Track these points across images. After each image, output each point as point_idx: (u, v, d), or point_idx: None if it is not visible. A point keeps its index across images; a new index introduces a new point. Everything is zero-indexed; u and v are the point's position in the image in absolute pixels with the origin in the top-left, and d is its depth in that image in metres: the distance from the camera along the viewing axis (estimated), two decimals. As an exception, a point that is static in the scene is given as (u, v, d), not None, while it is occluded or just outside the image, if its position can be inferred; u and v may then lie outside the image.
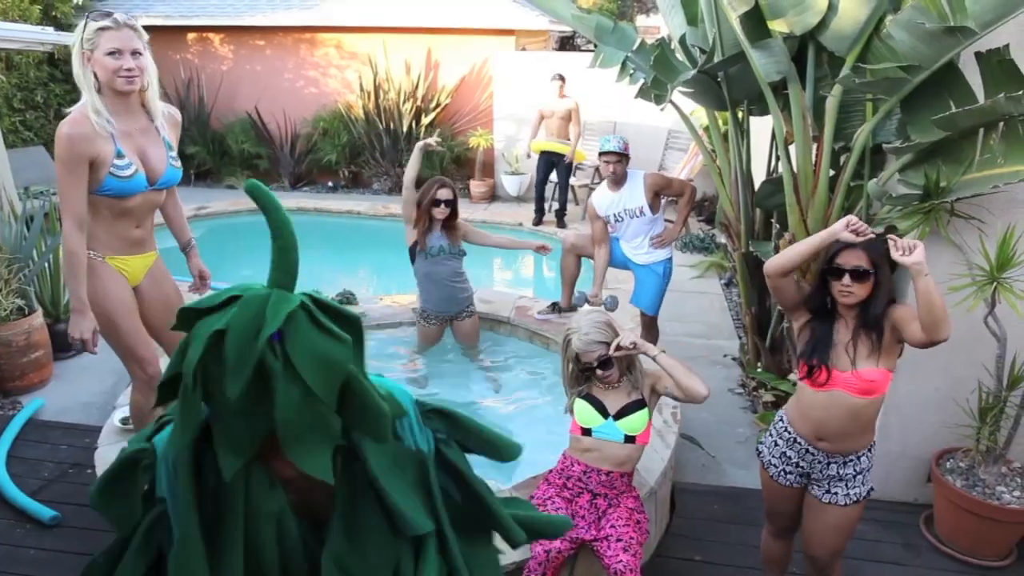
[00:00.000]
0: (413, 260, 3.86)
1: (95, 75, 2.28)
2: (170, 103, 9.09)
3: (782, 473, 2.16)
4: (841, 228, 1.96)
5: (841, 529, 2.12)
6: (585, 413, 2.36)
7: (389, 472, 1.05)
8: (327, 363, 0.92)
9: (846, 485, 2.08)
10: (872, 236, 1.95)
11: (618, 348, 2.25)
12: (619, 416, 2.32)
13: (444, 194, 3.70)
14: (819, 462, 2.08)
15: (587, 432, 2.35)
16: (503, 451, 1.23)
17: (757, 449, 2.26)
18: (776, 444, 2.17)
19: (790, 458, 2.13)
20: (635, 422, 2.31)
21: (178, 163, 2.58)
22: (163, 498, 1.05)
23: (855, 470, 2.08)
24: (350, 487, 1.05)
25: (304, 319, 0.93)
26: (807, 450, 2.08)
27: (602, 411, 2.33)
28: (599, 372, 2.30)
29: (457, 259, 3.86)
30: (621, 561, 2.10)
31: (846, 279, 1.95)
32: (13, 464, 3.19)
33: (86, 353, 3.98)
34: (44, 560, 2.65)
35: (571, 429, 2.41)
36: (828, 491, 2.10)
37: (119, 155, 2.34)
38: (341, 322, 0.97)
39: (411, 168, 3.79)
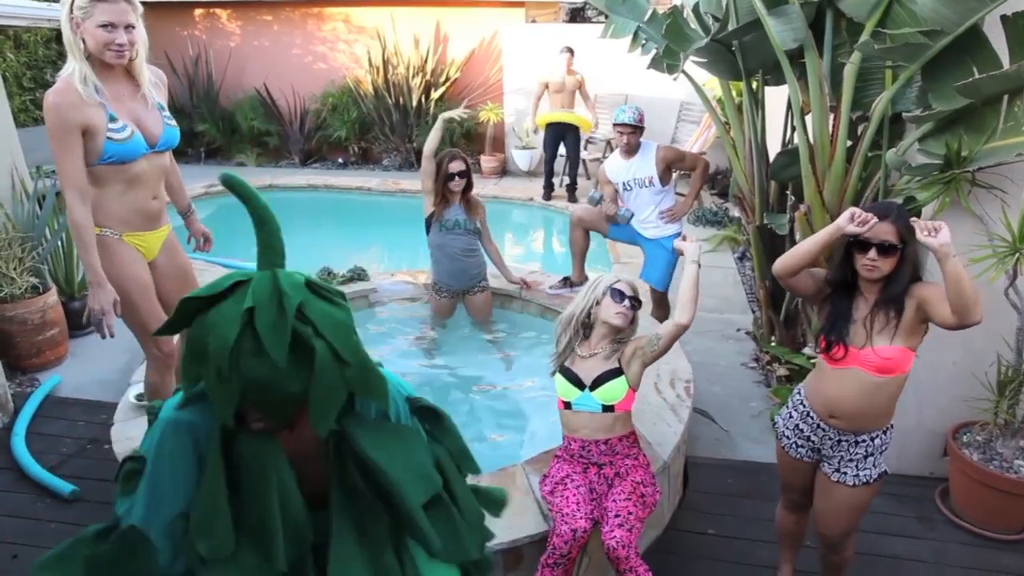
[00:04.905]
0: (428, 231, 3.85)
1: (83, 41, 2.24)
2: (179, 81, 8.99)
3: (794, 446, 2.14)
4: (845, 222, 1.87)
5: (850, 509, 2.08)
6: (563, 387, 2.37)
7: (381, 447, 1.10)
8: (344, 326, 1.01)
9: (856, 466, 2.03)
10: (876, 223, 1.87)
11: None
12: (594, 386, 2.31)
13: (456, 166, 3.71)
14: (829, 439, 2.05)
15: (568, 406, 2.36)
16: (469, 466, 1.30)
17: (773, 420, 2.23)
18: (791, 416, 2.15)
19: (802, 431, 2.11)
20: (610, 391, 2.30)
21: (173, 121, 2.55)
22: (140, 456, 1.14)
23: (866, 451, 2.02)
24: (342, 465, 1.12)
25: (311, 291, 1.01)
26: (818, 425, 2.06)
27: (577, 383, 2.34)
28: (624, 303, 2.34)
29: (471, 235, 3.86)
30: (615, 537, 2.09)
31: (872, 253, 1.87)
32: (33, 440, 3.23)
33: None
34: (64, 533, 2.68)
35: (557, 405, 2.42)
36: (838, 470, 2.06)
37: (112, 119, 2.30)
38: (334, 294, 1.05)
39: (432, 139, 3.78)
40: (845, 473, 2.05)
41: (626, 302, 2.34)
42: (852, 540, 2.22)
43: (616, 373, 2.32)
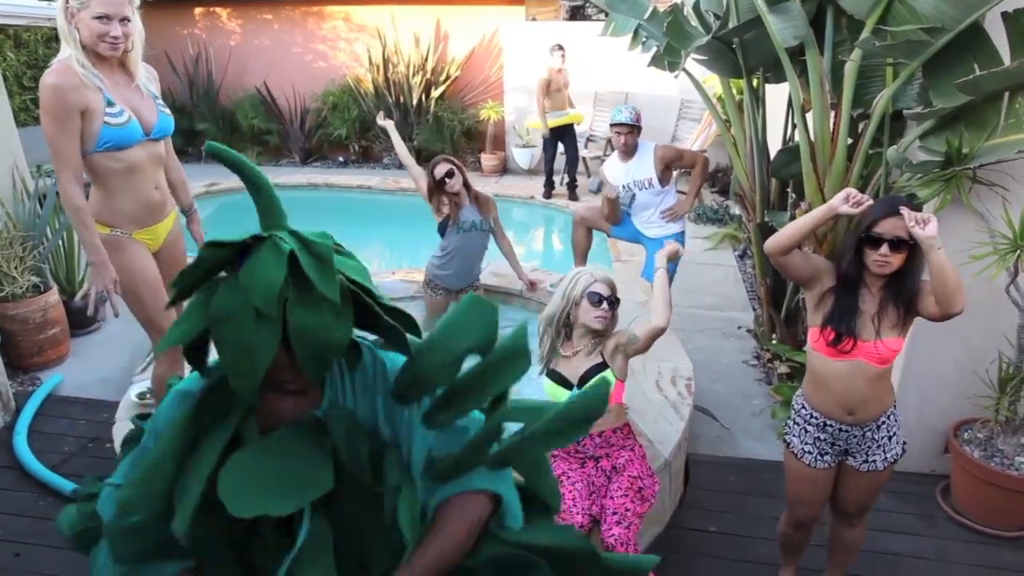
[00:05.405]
0: (443, 234, 3.82)
1: (78, 32, 2.24)
2: (179, 80, 8.93)
3: (818, 457, 2.11)
4: (840, 202, 1.89)
5: (878, 487, 2.13)
6: (551, 389, 2.36)
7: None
8: (365, 272, 1.08)
9: (883, 450, 2.07)
10: (871, 204, 1.89)
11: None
12: (581, 384, 2.31)
13: (441, 170, 3.66)
14: (855, 436, 2.06)
15: None
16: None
17: (786, 441, 2.20)
18: (806, 432, 2.12)
19: (825, 440, 2.09)
20: None
21: (167, 110, 2.55)
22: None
23: (888, 432, 2.06)
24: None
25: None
26: (841, 428, 2.06)
27: (565, 384, 2.33)
28: (602, 307, 2.31)
29: (487, 235, 3.84)
30: (614, 535, 2.09)
31: (884, 248, 1.87)
32: (35, 439, 3.23)
33: (102, 329, 3.98)
34: (67, 532, 2.69)
35: None
36: (867, 460, 2.08)
37: (110, 103, 2.31)
38: (342, 246, 1.10)
39: (397, 147, 3.88)
40: (874, 461, 2.07)
41: (604, 305, 2.32)
42: (869, 514, 2.24)
43: (601, 368, 2.33)
